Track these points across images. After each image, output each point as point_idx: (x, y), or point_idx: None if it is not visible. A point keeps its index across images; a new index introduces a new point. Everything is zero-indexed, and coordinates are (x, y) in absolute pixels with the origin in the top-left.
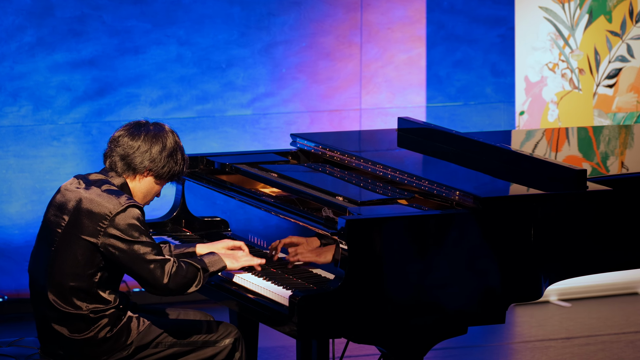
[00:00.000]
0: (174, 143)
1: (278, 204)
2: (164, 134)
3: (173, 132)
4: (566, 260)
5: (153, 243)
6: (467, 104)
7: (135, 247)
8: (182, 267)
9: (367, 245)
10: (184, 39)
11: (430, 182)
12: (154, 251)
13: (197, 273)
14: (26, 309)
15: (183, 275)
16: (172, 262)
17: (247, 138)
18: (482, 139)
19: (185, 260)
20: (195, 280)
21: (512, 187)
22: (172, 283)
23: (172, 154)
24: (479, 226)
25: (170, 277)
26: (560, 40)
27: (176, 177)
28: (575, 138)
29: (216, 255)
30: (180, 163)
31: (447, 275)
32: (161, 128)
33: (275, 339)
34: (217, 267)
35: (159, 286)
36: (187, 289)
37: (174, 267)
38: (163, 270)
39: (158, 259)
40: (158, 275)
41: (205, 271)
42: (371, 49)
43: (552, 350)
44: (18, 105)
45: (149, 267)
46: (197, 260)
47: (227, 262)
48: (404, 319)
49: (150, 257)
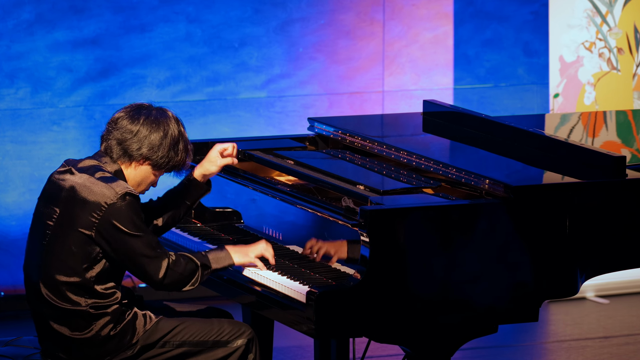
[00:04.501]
0: (177, 131)
1: (295, 193)
2: (166, 120)
3: (177, 120)
4: (604, 253)
5: (150, 235)
6: (497, 85)
7: (131, 239)
8: (181, 263)
9: (390, 237)
10: (193, 16)
11: (457, 169)
12: (150, 244)
13: (195, 271)
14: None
15: (180, 272)
16: (169, 256)
17: (261, 122)
18: (514, 123)
19: (185, 254)
20: (193, 279)
21: (545, 175)
22: (167, 279)
23: (173, 143)
24: (510, 217)
25: (166, 274)
26: (597, 18)
27: (176, 168)
28: (613, 122)
29: (224, 251)
30: (182, 154)
31: (476, 270)
32: (164, 114)
33: (292, 338)
34: (223, 264)
35: (153, 282)
36: (183, 286)
37: (170, 262)
38: (159, 265)
39: (154, 252)
40: (153, 271)
41: (205, 268)
42: (395, 27)
43: (589, 350)
44: (15, 87)
45: (144, 260)
46: (200, 255)
47: (235, 257)
48: (430, 316)
49: (146, 250)
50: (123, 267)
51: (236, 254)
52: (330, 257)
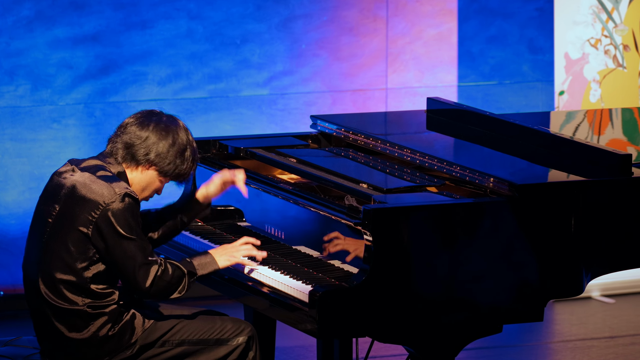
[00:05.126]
0: (186, 141)
1: (297, 191)
2: (176, 128)
3: (186, 130)
4: (610, 252)
5: (143, 242)
6: (502, 83)
7: (124, 243)
8: (168, 272)
9: (393, 236)
10: (195, 13)
11: (462, 167)
12: (143, 250)
13: (182, 278)
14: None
15: (167, 281)
16: (158, 264)
17: (264, 120)
18: (519, 121)
19: (173, 262)
20: (180, 286)
21: (551, 173)
22: (154, 288)
23: (180, 152)
24: (515, 215)
25: (153, 282)
26: (603, 14)
27: (181, 177)
28: (619, 120)
29: (208, 256)
30: (188, 163)
31: (480, 269)
32: (174, 121)
33: (295, 338)
34: (208, 269)
35: (138, 289)
36: (170, 294)
37: (159, 271)
38: (147, 273)
39: (145, 260)
40: (140, 278)
41: (192, 275)
42: (398, 24)
43: (595, 350)
44: (15, 84)
45: (133, 267)
46: (186, 262)
47: (221, 261)
48: (434, 316)
49: (137, 255)
50: (113, 269)
51: (221, 258)
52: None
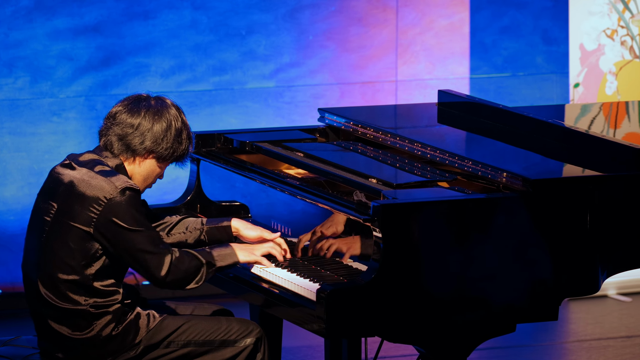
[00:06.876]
0: (179, 120)
1: (304, 186)
2: (166, 109)
3: (177, 107)
4: (626, 249)
5: (152, 231)
6: (515, 75)
7: (132, 234)
8: (184, 260)
9: (403, 232)
10: (199, 3)
11: (474, 162)
12: (152, 239)
13: (200, 268)
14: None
15: (184, 270)
16: (172, 253)
17: (270, 113)
18: (532, 114)
19: (189, 251)
20: (197, 276)
21: (565, 168)
22: (170, 277)
23: (176, 133)
24: (528, 212)
25: (169, 271)
26: (619, 4)
27: (180, 158)
28: (636, 113)
29: (229, 248)
30: (186, 142)
31: (493, 267)
32: (163, 103)
33: (302, 338)
34: (228, 261)
35: (154, 279)
36: (187, 284)
37: (174, 259)
38: (161, 262)
39: (156, 248)
40: (154, 268)
41: (210, 266)
42: (408, 14)
43: (611, 350)
44: (14, 76)
45: (146, 257)
46: (205, 252)
47: (241, 255)
48: (445, 315)
49: (148, 246)
50: (125, 264)
51: (241, 252)
52: (342, 253)
